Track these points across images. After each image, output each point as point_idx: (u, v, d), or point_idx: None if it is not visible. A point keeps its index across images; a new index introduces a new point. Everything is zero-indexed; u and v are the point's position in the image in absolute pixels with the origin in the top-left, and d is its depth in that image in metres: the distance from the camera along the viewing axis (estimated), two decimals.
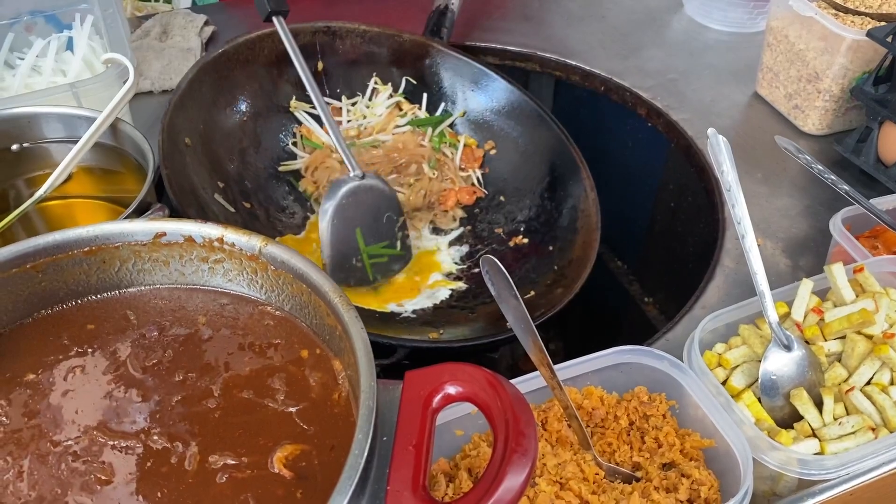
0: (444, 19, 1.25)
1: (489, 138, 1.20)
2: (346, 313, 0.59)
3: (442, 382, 0.55)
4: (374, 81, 1.22)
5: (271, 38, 1.13)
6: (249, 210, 1.04)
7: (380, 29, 1.20)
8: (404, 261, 1.06)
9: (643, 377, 0.74)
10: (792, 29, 1.16)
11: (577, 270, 1.01)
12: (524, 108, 1.17)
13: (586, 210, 1.07)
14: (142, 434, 0.59)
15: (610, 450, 0.70)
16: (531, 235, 1.11)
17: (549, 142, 1.15)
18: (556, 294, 0.99)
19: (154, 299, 0.69)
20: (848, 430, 0.68)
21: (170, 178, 0.88)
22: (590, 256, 1.01)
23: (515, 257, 1.10)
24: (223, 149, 1.06)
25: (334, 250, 0.99)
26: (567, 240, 1.07)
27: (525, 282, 1.05)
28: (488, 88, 1.20)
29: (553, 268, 1.05)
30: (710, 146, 0.76)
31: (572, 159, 1.11)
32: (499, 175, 1.18)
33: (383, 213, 1.02)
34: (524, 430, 0.51)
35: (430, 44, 1.21)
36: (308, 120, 1.17)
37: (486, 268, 0.62)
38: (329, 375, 0.63)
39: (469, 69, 1.20)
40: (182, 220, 0.67)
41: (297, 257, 0.64)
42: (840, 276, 0.77)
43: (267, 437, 0.59)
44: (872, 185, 1.11)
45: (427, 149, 1.15)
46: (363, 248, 1.01)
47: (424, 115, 1.20)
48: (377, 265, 1.03)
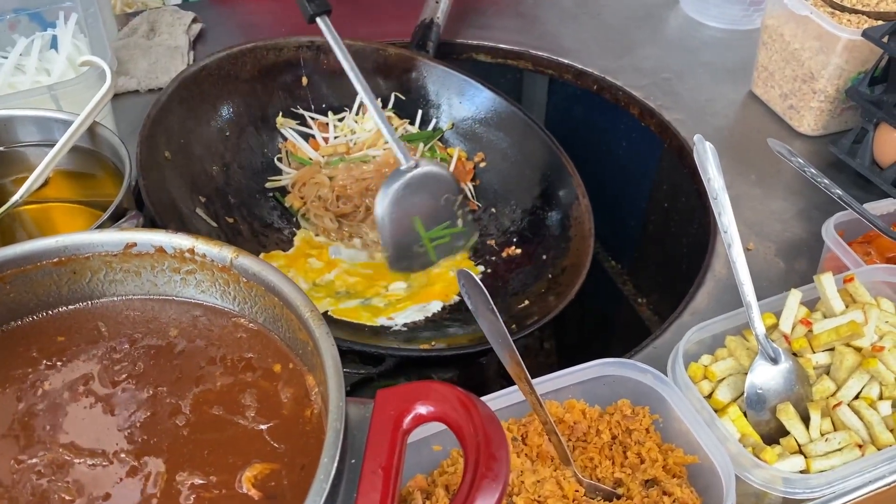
0: (429, 33, 1.24)
1: (478, 149, 1.19)
2: (317, 329, 0.58)
3: (413, 402, 0.54)
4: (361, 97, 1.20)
5: (253, 53, 1.12)
6: (232, 225, 1.03)
7: (364, 43, 1.19)
8: (468, 235, 1.07)
9: (627, 390, 0.72)
10: (787, 28, 1.14)
11: (571, 277, 1.00)
12: (512, 118, 1.16)
13: (579, 217, 1.06)
14: (109, 452, 0.58)
15: (591, 465, 0.68)
16: (524, 245, 1.10)
17: (539, 151, 1.13)
18: (549, 302, 0.98)
19: (126, 310, 0.68)
20: (834, 447, 0.66)
21: (148, 191, 0.87)
22: (584, 263, 1.00)
23: (509, 268, 1.08)
24: (205, 163, 1.05)
25: (395, 242, 1.00)
26: (560, 248, 1.06)
27: (519, 291, 1.03)
28: (475, 99, 1.19)
29: (547, 276, 1.03)
30: (696, 153, 0.74)
31: (563, 167, 1.10)
32: (490, 187, 1.17)
33: (441, 194, 1.02)
34: (495, 453, 0.50)
35: (416, 57, 1.20)
36: (295, 136, 1.16)
37: (463, 282, 0.60)
38: (301, 391, 0.62)
39: (455, 80, 1.19)
40: (153, 231, 0.65)
41: (269, 269, 0.62)
42: (829, 287, 0.76)
43: (236, 455, 0.58)
44: (868, 187, 1.09)
45: None
46: (424, 234, 1.02)
47: (415, 130, 1.19)
48: (441, 246, 1.03)
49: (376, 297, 1.00)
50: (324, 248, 1.07)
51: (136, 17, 1.35)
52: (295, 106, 1.18)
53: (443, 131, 1.20)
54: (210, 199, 1.02)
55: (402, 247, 1.01)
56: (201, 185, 1.02)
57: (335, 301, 0.99)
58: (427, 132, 1.19)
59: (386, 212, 0.98)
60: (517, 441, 0.68)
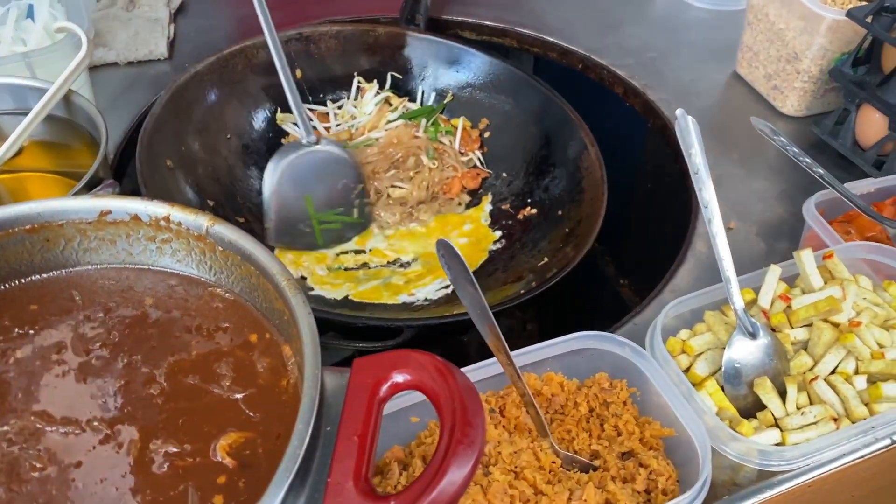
0: (418, 6, 1.23)
1: (481, 116, 1.18)
2: (293, 297, 0.57)
3: (390, 370, 0.53)
4: (358, 81, 1.19)
5: (243, 54, 1.11)
6: (244, 224, 1.03)
7: (353, 27, 1.18)
8: (360, 228, 1.05)
9: (605, 363, 0.72)
10: (772, 7, 1.14)
11: (587, 227, 0.99)
12: (511, 78, 1.15)
13: (590, 167, 1.05)
14: (82, 420, 0.57)
15: (569, 437, 0.68)
16: (539, 205, 1.10)
17: (542, 106, 1.13)
18: (567, 254, 0.98)
19: (101, 279, 0.67)
20: (810, 421, 0.66)
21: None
22: (599, 212, 0.99)
23: (525, 229, 1.08)
24: (209, 168, 1.04)
25: (279, 215, 0.97)
26: (574, 201, 1.05)
27: (537, 251, 1.03)
28: (471, 65, 1.18)
29: (564, 230, 1.03)
30: (678, 127, 0.74)
31: (567, 118, 1.09)
32: (498, 152, 1.16)
33: (339, 179, 1.01)
34: (471, 420, 0.50)
35: (406, 32, 1.19)
36: (295, 130, 1.14)
37: (442, 251, 0.60)
38: (278, 361, 0.61)
39: (448, 50, 1.18)
40: (128, 198, 0.64)
41: (246, 238, 0.61)
42: (809, 263, 0.76)
43: (211, 424, 0.57)
44: (850, 167, 1.09)
45: (423, 139, 1.14)
46: (312, 214, 1.00)
47: (416, 107, 1.18)
48: (328, 231, 1.01)
49: (395, 276, 0.99)
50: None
51: None
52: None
53: (444, 105, 1.19)
54: (219, 201, 1.02)
55: (287, 221, 0.99)
56: (208, 190, 1.02)
57: (354, 285, 0.99)
58: (427, 107, 1.18)
59: (277, 181, 0.96)
60: (495, 413, 0.68)
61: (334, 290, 0.98)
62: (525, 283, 0.96)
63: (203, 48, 1.26)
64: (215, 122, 1.08)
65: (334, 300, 0.97)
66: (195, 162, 1.03)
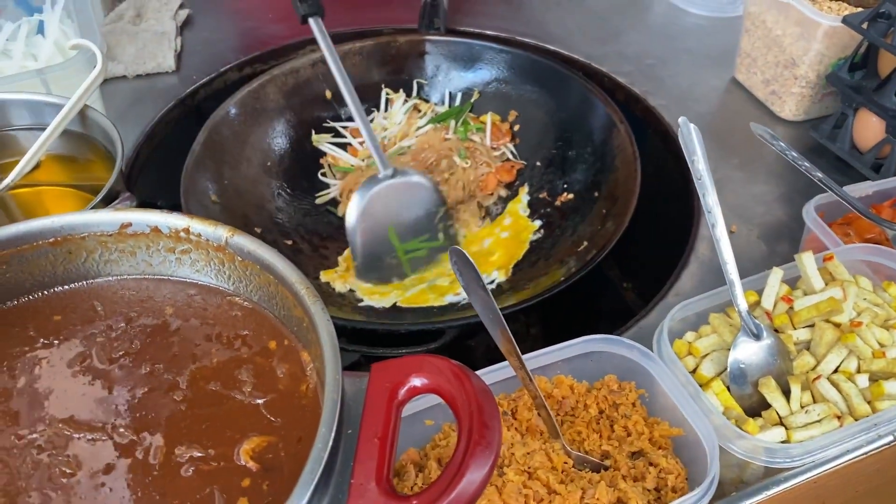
0: (436, 11, 1.25)
1: (510, 108, 1.21)
2: (312, 305, 0.59)
3: (407, 374, 0.55)
4: (386, 93, 1.22)
5: (273, 83, 1.15)
6: (292, 247, 1.05)
7: (374, 41, 1.22)
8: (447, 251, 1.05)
9: (613, 366, 0.74)
10: (769, 14, 1.16)
11: (623, 206, 1.01)
12: (534, 67, 1.18)
13: (621, 145, 1.07)
14: (108, 426, 0.59)
15: (579, 438, 0.70)
16: (574, 189, 1.12)
17: (568, 90, 1.15)
18: (606, 231, 1.00)
19: (122, 290, 0.69)
20: (814, 419, 0.68)
21: None
22: (633, 189, 1.01)
23: (563, 215, 1.11)
24: (253, 197, 1.07)
25: (364, 253, 0.98)
26: (609, 180, 1.07)
27: (577, 236, 1.05)
28: (493, 61, 1.21)
29: (602, 211, 1.05)
30: (680, 135, 0.76)
31: (593, 99, 1.11)
32: (530, 142, 1.19)
33: (420, 206, 1.02)
34: (488, 422, 0.51)
35: (426, 38, 1.22)
36: (333, 148, 1.18)
37: (455, 258, 0.62)
38: (297, 367, 0.63)
39: (469, 49, 1.21)
40: (148, 211, 0.66)
41: (264, 248, 0.63)
42: (810, 265, 0.78)
43: (234, 429, 0.59)
44: (848, 171, 1.11)
45: (453, 140, 1.16)
46: (398, 245, 1.01)
47: (444, 110, 1.21)
48: (415, 259, 1.02)
49: (440, 277, 1.01)
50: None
51: (122, 2, 1.35)
52: (325, 120, 1.20)
53: (471, 104, 1.21)
54: (266, 228, 1.05)
55: (373, 257, 0.99)
56: (254, 218, 1.05)
57: (402, 291, 1.01)
58: (455, 108, 1.21)
59: (356, 219, 0.97)
60: (507, 416, 0.70)
61: (383, 299, 1.00)
62: (565, 269, 0.98)
63: (210, 60, 1.28)
64: (254, 152, 1.11)
65: (383, 308, 0.99)
66: (239, 194, 1.06)
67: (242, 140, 1.10)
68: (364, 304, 1.01)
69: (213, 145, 1.05)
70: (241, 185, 1.07)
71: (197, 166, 1.01)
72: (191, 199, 0.97)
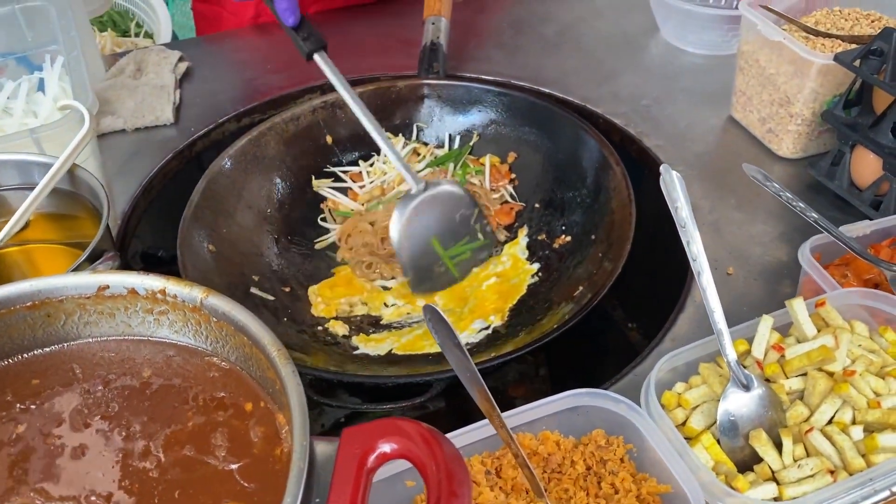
0: (435, 55, 1.26)
1: (509, 150, 1.21)
2: (283, 367, 0.58)
3: (377, 440, 0.54)
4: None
5: (273, 130, 1.16)
6: (289, 293, 1.06)
7: (373, 86, 1.23)
8: (489, 248, 1.07)
9: (601, 419, 0.72)
10: (762, 53, 1.15)
11: (618, 249, 1.01)
12: (533, 110, 1.19)
13: (616, 187, 1.07)
14: (80, 496, 0.58)
15: (566, 496, 0.68)
16: (573, 232, 1.12)
17: (566, 132, 1.15)
18: (603, 274, 1.00)
19: (101, 351, 0.68)
20: (807, 473, 0.66)
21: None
22: (628, 233, 1.01)
23: (561, 258, 1.11)
24: (251, 245, 1.08)
25: (415, 266, 1.00)
26: (605, 222, 1.07)
27: (574, 279, 1.05)
28: (493, 104, 1.22)
29: (598, 255, 1.05)
30: (662, 183, 0.75)
31: (590, 141, 1.12)
32: (528, 183, 1.19)
33: (456, 211, 1.03)
34: (457, 490, 0.50)
35: (425, 82, 1.23)
36: (333, 193, 1.19)
37: (429, 316, 0.61)
38: (272, 430, 0.62)
39: (468, 93, 1.23)
40: (125, 273, 0.66)
41: (238, 309, 0.63)
42: (801, 311, 0.76)
43: (206, 495, 0.58)
44: (848, 208, 1.09)
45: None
46: (443, 254, 1.02)
47: (443, 153, 1.21)
48: (462, 262, 1.04)
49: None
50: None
51: (123, 57, 1.37)
52: (325, 165, 1.22)
53: (470, 146, 1.22)
54: (263, 275, 1.06)
55: (422, 269, 1.01)
56: (252, 266, 1.06)
57: (398, 338, 1.01)
58: (454, 151, 1.22)
59: (402, 237, 0.98)
60: (491, 474, 0.68)
61: (378, 346, 1.01)
62: (561, 315, 0.98)
63: (209, 112, 1.29)
64: (253, 200, 1.12)
65: (378, 356, 0.99)
66: (237, 242, 1.07)
67: (241, 188, 1.11)
68: (359, 353, 1.00)
69: (212, 195, 1.06)
70: (238, 234, 1.07)
71: (195, 216, 1.01)
72: (187, 249, 0.97)
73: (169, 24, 1.73)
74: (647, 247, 1.40)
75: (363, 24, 1.49)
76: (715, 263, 1.05)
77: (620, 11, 1.52)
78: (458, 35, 1.45)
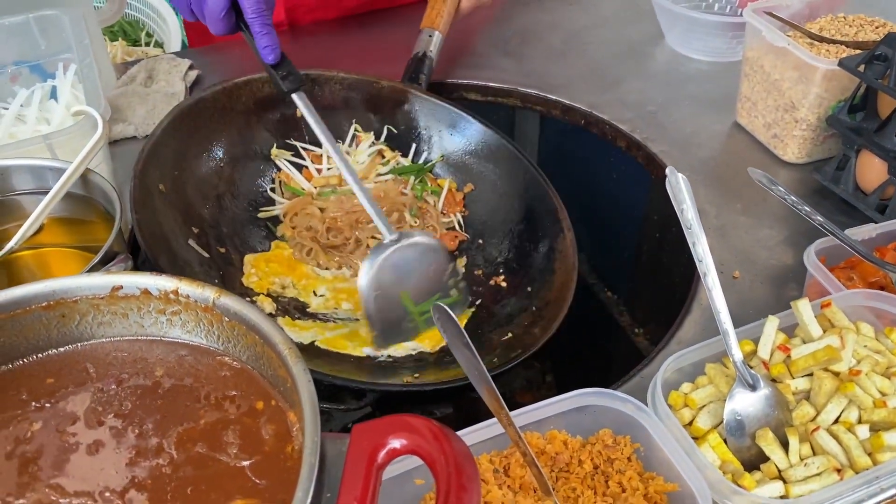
0: (422, 66, 1.26)
1: (468, 181, 1.21)
2: (294, 366, 0.59)
3: (387, 436, 0.55)
4: (355, 128, 1.23)
5: (249, 87, 1.15)
6: (223, 255, 1.05)
7: (358, 76, 1.22)
8: (462, 304, 1.05)
9: (608, 419, 0.73)
10: (767, 59, 1.16)
11: (554, 311, 1.01)
12: (502, 150, 1.18)
13: (563, 251, 1.07)
14: (95, 493, 0.59)
15: (574, 495, 0.69)
16: (510, 276, 1.11)
17: (527, 182, 1.15)
18: (533, 334, 0.99)
19: (115, 351, 0.69)
20: (813, 472, 0.66)
21: (140, 225, 0.89)
22: (566, 298, 1.01)
23: (494, 298, 1.10)
24: (199, 194, 1.07)
25: (382, 320, 0.97)
26: (544, 280, 1.07)
27: (503, 322, 1.05)
28: (466, 131, 1.21)
29: (532, 308, 1.05)
30: (668, 185, 0.76)
31: (549, 200, 1.12)
32: (478, 217, 1.19)
33: (429, 265, 1.00)
34: (466, 484, 0.51)
35: (408, 90, 1.23)
36: (289, 167, 1.18)
37: (438, 315, 0.62)
38: (283, 427, 0.63)
39: (446, 113, 1.22)
40: (138, 273, 0.67)
41: (250, 308, 0.64)
42: (806, 312, 0.76)
43: (218, 492, 0.59)
44: (853, 212, 1.10)
45: (409, 197, 1.16)
46: (413, 310, 0.99)
47: (408, 162, 1.21)
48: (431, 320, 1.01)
49: (363, 326, 1.00)
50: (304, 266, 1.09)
51: (134, 65, 1.39)
52: (289, 137, 1.20)
53: (434, 164, 1.22)
54: (203, 229, 1.04)
55: (389, 324, 0.98)
56: (195, 216, 1.04)
57: (322, 330, 1.00)
58: (417, 165, 1.21)
59: (371, 289, 0.95)
60: (499, 473, 0.69)
61: (301, 333, 0.98)
62: (487, 359, 0.96)
63: None
64: (211, 150, 1.10)
65: (301, 344, 0.97)
66: (186, 188, 1.04)
67: (204, 135, 1.09)
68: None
69: (175, 132, 1.04)
70: (189, 180, 1.05)
71: (154, 150, 0.98)
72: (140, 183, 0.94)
73: (179, 34, 1.75)
74: (654, 253, 1.41)
75: (356, 34, 1.50)
76: (721, 267, 1.05)
77: (625, 20, 1.53)
78: (465, 43, 1.46)
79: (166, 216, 0.98)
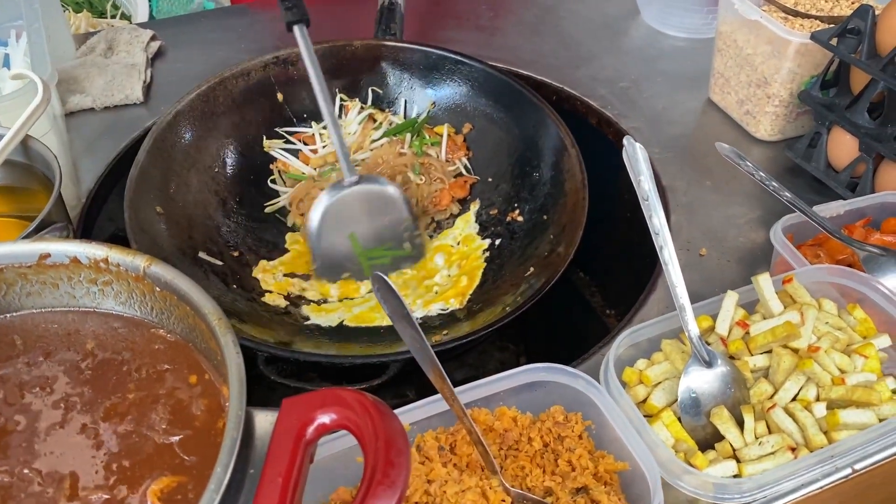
0: (392, 16, 1.22)
1: (465, 121, 1.18)
2: (222, 337, 0.57)
3: (316, 410, 0.52)
4: (340, 98, 1.19)
5: (223, 85, 1.12)
6: (238, 258, 1.03)
7: (329, 43, 1.18)
8: (414, 259, 1.04)
9: (560, 396, 0.71)
10: (740, 33, 1.13)
11: (570, 235, 0.98)
12: (491, 82, 1.15)
13: (570, 169, 1.04)
14: (14, 467, 0.56)
15: (522, 473, 0.66)
16: (525, 209, 1.09)
17: (522, 107, 1.12)
18: (558, 255, 0.97)
19: (45, 323, 0.67)
20: (767, 451, 0.64)
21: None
22: (580, 219, 0.98)
23: (513, 235, 1.08)
24: (199, 206, 1.05)
25: (323, 255, 0.98)
26: (558, 204, 1.04)
27: (525, 258, 1.03)
28: (452, 72, 1.18)
29: (549, 237, 1.02)
30: (625, 155, 0.73)
31: (547, 119, 1.09)
32: (483, 155, 1.16)
33: (385, 214, 1.01)
34: (394, 459, 0.49)
35: (383, 43, 1.19)
36: (284, 155, 1.15)
37: (377, 286, 0.59)
38: (215, 402, 0.60)
39: (426, 57, 1.18)
40: (66, 241, 0.64)
41: (181, 278, 0.61)
42: (767, 288, 0.74)
43: (145, 468, 0.57)
44: (825, 190, 1.08)
45: (408, 156, 1.14)
46: (359, 252, 1.00)
47: (400, 119, 1.18)
48: (379, 266, 1.01)
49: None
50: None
51: (94, 35, 1.35)
52: (277, 124, 1.17)
53: (426, 116, 1.18)
54: (212, 238, 1.03)
55: (331, 259, 0.99)
56: (200, 229, 1.03)
57: (348, 309, 0.99)
58: (411, 120, 1.18)
59: (318, 223, 0.96)
60: (444, 450, 0.66)
61: (329, 316, 0.98)
62: (513, 298, 0.95)
63: (180, 91, 1.25)
64: (201, 159, 1.08)
65: (329, 327, 0.97)
66: (185, 203, 1.03)
67: (188, 147, 1.07)
68: (310, 323, 0.97)
69: (159, 154, 1.02)
70: (186, 195, 1.04)
71: (142, 177, 0.97)
72: (134, 211, 0.93)
73: (146, 5, 1.70)
74: (625, 232, 1.39)
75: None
76: (688, 244, 1.03)
77: None
78: (435, 16, 1.43)
79: (172, 235, 0.97)
